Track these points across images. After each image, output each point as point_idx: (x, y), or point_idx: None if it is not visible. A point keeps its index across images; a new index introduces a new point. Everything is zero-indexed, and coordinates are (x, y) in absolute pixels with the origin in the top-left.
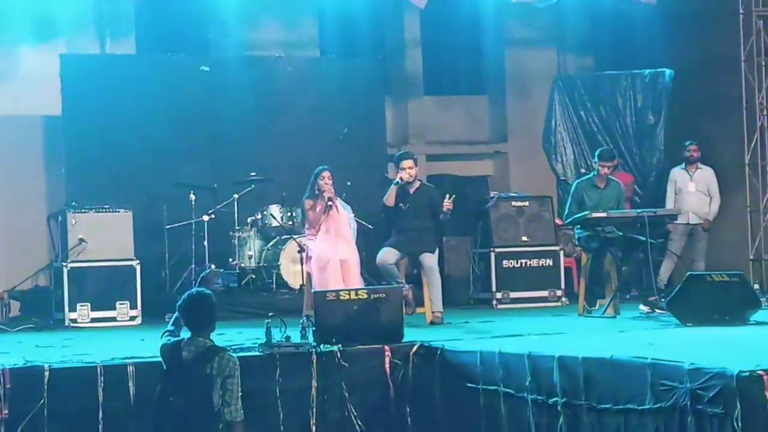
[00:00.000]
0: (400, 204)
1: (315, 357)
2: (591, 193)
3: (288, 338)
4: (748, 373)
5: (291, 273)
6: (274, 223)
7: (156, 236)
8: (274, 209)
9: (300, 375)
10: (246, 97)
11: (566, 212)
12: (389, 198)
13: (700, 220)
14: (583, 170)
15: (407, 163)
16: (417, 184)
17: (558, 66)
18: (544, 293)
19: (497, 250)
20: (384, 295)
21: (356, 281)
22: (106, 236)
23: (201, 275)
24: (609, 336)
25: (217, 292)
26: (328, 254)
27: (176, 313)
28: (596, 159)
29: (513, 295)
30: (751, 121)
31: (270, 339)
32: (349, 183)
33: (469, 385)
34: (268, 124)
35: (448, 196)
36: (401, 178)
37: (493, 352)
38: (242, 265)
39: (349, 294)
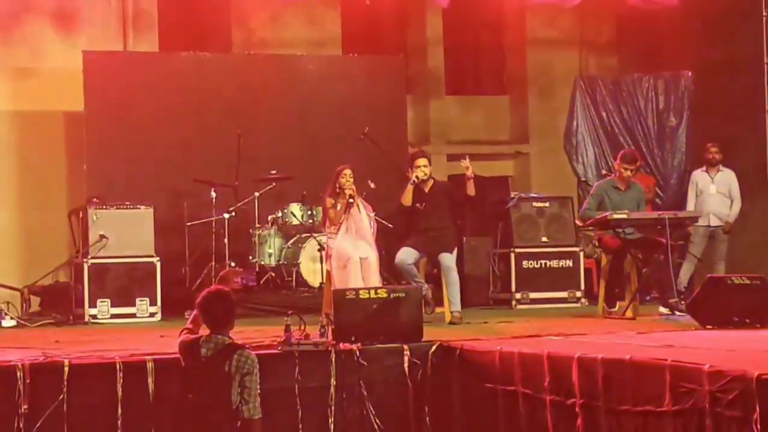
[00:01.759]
0: (417, 204)
1: (334, 355)
2: (612, 194)
3: (307, 336)
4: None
5: (311, 271)
6: (295, 222)
7: (176, 233)
8: (295, 207)
9: (319, 373)
10: (268, 96)
11: (583, 208)
12: (406, 197)
13: (721, 223)
14: (604, 171)
15: (421, 161)
16: (431, 182)
17: (580, 67)
18: (564, 294)
19: (517, 250)
20: (403, 295)
21: (376, 280)
22: (127, 232)
23: (220, 273)
24: (628, 338)
25: (235, 290)
26: (348, 253)
27: (195, 310)
28: (619, 160)
29: (533, 295)
30: None
31: (289, 337)
32: (372, 185)
33: (488, 385)
34: (289, 123)
35: (463, 161)
36: (417, 177)
37: (512, 353)
38: (262, 263)
39: (369, 293)
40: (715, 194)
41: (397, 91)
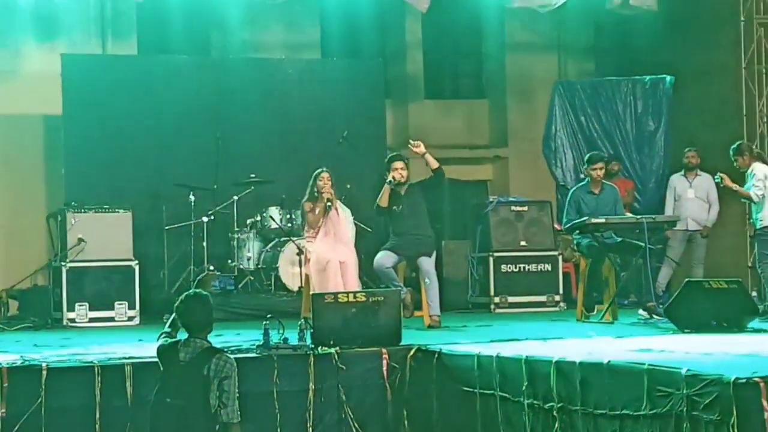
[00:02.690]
0: (394, 207)
1: (312, 359)
2: (587, 199)
3: (286, 340)
4: (744, 380)
5: (289, 275)
6: (274, 225)
7: (155, 237)
8: (274, 211)
9: (297, 377)
10: (247, 99)
11: (564, 219)
12: (382, 198)
13: (699, 227)
14: (582, 175)
15: (398, 164)
16: (407, 185)
17: (559, 71)
18: (543, 298)
19: (496, 254)
20: (382, 298)
21: (354, 284)
22: (106, 236)
23: (198, 278)
24: (606, 341)
25: (213, 294)
26: (327, 256)
27: (173, 314)
28: (585, 164)
29: (511, 299)
30: (750, 128)
31: (268, 341)
32: (348, 186)
33: (466, 388)
34: (268, 126)
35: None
36: (393, 178)
37: (490, 356)
38: (241, 266)
39: (348, 296)
40: (694, 198)
41: (376, 95)
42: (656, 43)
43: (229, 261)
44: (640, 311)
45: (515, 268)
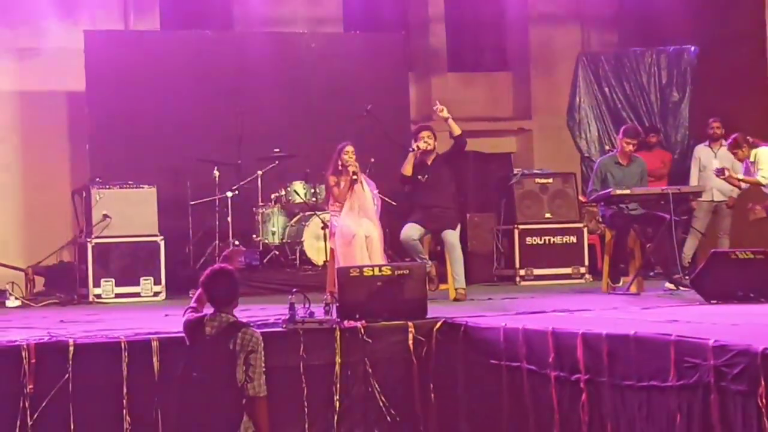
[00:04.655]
0: (419, 176)
1: (338, 333)
2: (614, 170)
3: (311, 314)
4: None
5: (314, 249)
6: (298, 200)
7: (180, 212)
8: (298, 185)
9: (323, 351)
10: (270, 74)
11: (589, 190)
12: (406, 167)
13: (725, 198)
14: (607, 147)
15: (425, 133)
16: (434, 155)
17: (582, 42)
18: (568, 270)
19: (521, 227)
20: (407, 272)
21: (380, 257)
22: (131, 212)
23: (223, 253)
24: (633, 313)
25: (239, 269)
26: (352, 230)
27: (199, 289)
28: (621, 135)
29: (536, 272)
30: None
31: (293, 315)
32: (372, 160)
33: (492, 361)
34: (292, 100)
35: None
36: (418, 147)
37: (516, 329)
38: (266, 241)
39: (373, 270)
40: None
41: (398, 69)
42: (680, 13)
43: (254, 236)
44: (666, 283)
45: (540, 240)
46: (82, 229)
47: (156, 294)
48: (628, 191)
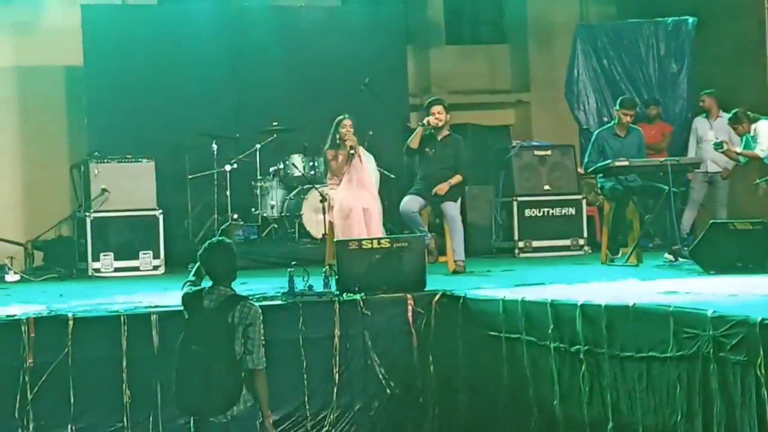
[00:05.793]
0: (426, 149)
1: (338, 306)
2: (612, 142)
3: (311, 287)
4: None
5: (313, 222)
6: (297, 173)
7: (178, 186)
8: (296, 159)
9: (323, 324)
10: (268, 47)
11: (585, 160)
12: (413, 140)
13: (719, 169)
14: (605, 119)
15: (437, 108)
16: (446, 132)
17: (580, 14)
18: (567, 242)
19: (519, 199)
20: (406, 244)
21: (378, 230)
22: (129, 186)
23: (222, 226)
24: (631, 284)
25: (237, 243)
26: (350, 203)
27: (198, 263)
28: (618, 107)
29: (535, 243)
30: None
31: (293, 288)
32: (370, 133)
33: (492, 333)
34: (289, 74)
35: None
36: (428, 122)
37: (515, 301)
38: (265, 214)
39: (372, 243)
40: (714, 140)
41: (396, 42)
42: None
43: (253, 209)
44: (666, 254)
45: (539, 212)
46: (81, 203)
47: (155, 268)
48: (626, 162)
